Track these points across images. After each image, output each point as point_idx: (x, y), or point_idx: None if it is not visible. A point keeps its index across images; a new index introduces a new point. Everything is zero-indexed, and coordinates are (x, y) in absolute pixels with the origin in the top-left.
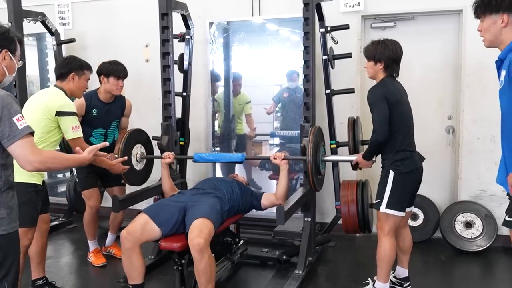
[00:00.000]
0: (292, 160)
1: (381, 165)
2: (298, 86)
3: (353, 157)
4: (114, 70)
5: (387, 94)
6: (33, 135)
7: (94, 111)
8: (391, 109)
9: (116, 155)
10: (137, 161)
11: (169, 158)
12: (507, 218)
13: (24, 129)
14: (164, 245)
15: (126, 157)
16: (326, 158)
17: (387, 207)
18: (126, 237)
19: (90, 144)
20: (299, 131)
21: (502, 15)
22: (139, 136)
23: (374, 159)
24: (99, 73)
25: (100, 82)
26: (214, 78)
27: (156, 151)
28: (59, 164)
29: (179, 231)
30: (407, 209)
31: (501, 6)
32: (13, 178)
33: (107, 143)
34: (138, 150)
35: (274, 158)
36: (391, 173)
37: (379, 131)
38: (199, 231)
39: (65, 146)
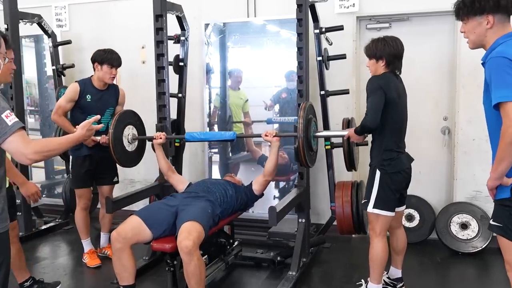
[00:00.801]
0: (283, 137)
1: (369, 163)
2: None
3: (345, 132)
4: (108, 58)
5: (385, 86)
6: (24, 129)
7: (88, 97)
8: (386, 104)
9: (108, 137)
10: (128, 142)
11: (161, 138)
12: (491, 222)
13: (14, 124)
14: (156, 246)
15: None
16: (317, 133)
17: (374, 207)
18: (116, 238)
19: None
20: (296, 117)
21: (487, 17)
22: (131, 118)
23: (366, 135)
24: (93, 60)
25: (94, 69)
26: (210, 77)
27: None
28: (55, 150)
29: (170, 234)
30: (398, 209)
31: (485, 7)
32: (5, 178)
33: (99, 116)
34: (129, 131)
35: (266, 135)
36: (378, 173)
37: (370, 117)
38: (188, 234)
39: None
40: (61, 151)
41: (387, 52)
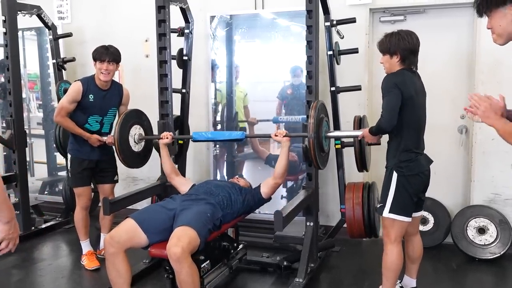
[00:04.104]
0: (294, 137)
1: (385, 165)
2: (302, 82)
3: (359, 132)
4: (98, 53)
5: (401, 84)
6: None
7: (91, 97)
8: (403, 103)
9: (113, 136)
10: (135, 142)
11: (167, 138)
12: None
13: None
14: (154, 252)
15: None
16: (329, 134)
17: (390, 211)
18: (109, 241)
19: (86, 130)
20: (303, 116)
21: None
22: (138, 117)
23: (381, 135)
24: (92, 58)
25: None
26: (216, 71)
27: None
28: None
29: (168, 238)
30: (415, 214)
31: None
32: None
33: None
34: (136, 131)
35: (276, 135)
36: (395, 175)
37: (385, 118)
38: (177, 240)
39: (60, 141)
40: None
41: (402, 47)
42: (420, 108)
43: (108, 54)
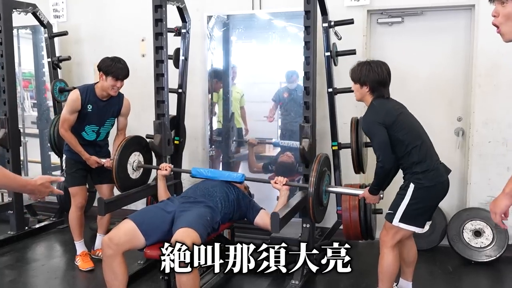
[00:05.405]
0: (293, 187)
1: (403, 177)
2: (299, 84)
3: (360, 191)
4: (114, 69)
5: (380, 118)
6: None
7: (89, 107)
8: (392, 129)
9: (112, 161)
10: (133, 169)
11: (166, 170)
12: None
13: None
14: (149, 253)
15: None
16: (330, 189)
17: (400, 221)
18: (107, 243)
19: (82, 138)
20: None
21: None
22: (138, 144)
23: (381, 195)
24: (99, 68)
25: (100, 77)
26: (213, 74)
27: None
28: None
29: (165, 240)
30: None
31: None
32: None
33: (62, 178)
34: (135, 158)
35: (275, 183)
36: (411, 186)
37: (383, 159)
38: (180, 241)
39: (55, 140)
40: (6, 188)
41: (371, 78)
42: (410, 120)
43: (123, 70)
